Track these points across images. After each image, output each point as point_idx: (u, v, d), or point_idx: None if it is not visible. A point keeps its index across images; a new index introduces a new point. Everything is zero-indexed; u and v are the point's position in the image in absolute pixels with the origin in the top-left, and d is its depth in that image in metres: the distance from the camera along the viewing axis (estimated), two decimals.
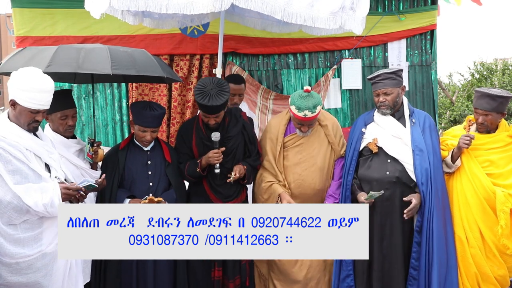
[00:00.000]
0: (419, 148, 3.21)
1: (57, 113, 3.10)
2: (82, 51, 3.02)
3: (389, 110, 3.30)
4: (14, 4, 4.46)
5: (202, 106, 3.17)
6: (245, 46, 4.74)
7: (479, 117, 3.26)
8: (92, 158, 3.20)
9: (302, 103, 3.24)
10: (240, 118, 3.46)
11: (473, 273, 3.23)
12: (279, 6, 2.96)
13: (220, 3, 2.84)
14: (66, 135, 3.16)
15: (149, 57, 3.30)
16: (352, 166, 3.37)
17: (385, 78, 3.28)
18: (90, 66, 2.96)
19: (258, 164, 3.49)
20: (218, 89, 3.15)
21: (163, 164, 3.32)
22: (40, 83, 2.56)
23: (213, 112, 3.18)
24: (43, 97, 2.57)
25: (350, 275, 3.34)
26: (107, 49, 3.08)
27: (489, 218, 3.17)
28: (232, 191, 3.40)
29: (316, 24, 3.06)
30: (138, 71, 3.09)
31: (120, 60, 3.05)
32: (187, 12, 2.88)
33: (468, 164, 3.25)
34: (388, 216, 3.23)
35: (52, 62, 2.90)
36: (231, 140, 3.36)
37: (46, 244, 2.57)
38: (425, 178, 3.17)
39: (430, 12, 4.91)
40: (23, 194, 2.45)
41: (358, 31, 3.27)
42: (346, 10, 3.11)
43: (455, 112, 12.62)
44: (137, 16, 4.02)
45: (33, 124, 2.62)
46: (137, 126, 3.22)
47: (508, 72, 14.31)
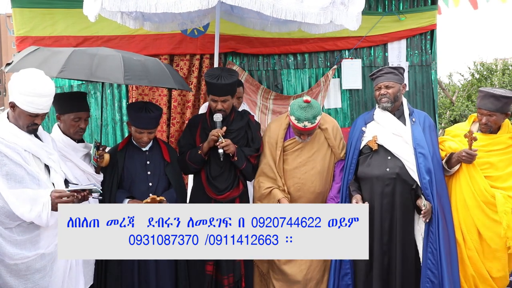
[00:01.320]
0: (421, 146, 3.22)
1: (70, 114, 3.09)
2: (96, 57, 3.00)
3: (390, 103, 3.29)
4: (14, 4, 4.46)
5: (212, 86, 3.27)
6: (245, 46, 4.74)
7: (482, 118, 3.25)
8: (97, 162, 3.18)
9: (302, 114, 3.23)
10: (246, 117, 3.53)
11: (470, 275, 3.23)
12: (268, 2, 2.94)
13: (207, 1, 2.85)
14: (76, 137, 3.15)
15: (162, 68, 3.29)
16: (352, 165, 3.38)
17: (387, 73, 3.32)
18: (103, 75, 2.96)
19: (253, 154, 3.46)
20: (227, 73, 3.36)
21: (162, 164, 3.32)
22: (40, 87, 2.53)
23: (221, 93, 3.28)
24: (42, 102, 2.55)
25: (348, 273, 3.35)
26: (121, 57, 3.05)
27: (488, 220, 3.16)
28: (228, 183, 3.41)
29: (307, 20, 3.04)
30: (151, 82, 3.10)
31: (134, 69, 3.04)
32: (175, 11, 2.90)
33: (467, 167, 3.23)
34: (388, 212, 3.24)
35: (65, 68, 2.88)
36: (232, 133, 3.39)
37: (44, 247, 2.56)
38: (429, 178, 3.17)
39: (430, 12, 4.92)
40: (14, 202, 2.43)
41: (352, 27, 3.24)
42: (336, 5, 3.10)
43: (455, 112, 12.63)
44: (137, 20, 4.03)
45: (32, 126, 2.61)
46: (133, 127, 3.22)
47: (508, 72, 14.30)
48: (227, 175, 3.41)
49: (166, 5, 2.90)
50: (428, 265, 3.18)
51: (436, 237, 3.15)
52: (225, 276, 3.37)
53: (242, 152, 3.39)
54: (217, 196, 3.38)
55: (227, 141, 3.29)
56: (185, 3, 2.87)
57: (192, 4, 2.86)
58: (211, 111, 3.46)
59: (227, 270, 3.37)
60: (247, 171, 3.45)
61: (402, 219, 3.22)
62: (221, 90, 3.28)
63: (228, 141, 3.29)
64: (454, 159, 3.24)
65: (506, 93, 3.19)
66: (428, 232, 3.19)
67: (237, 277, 3.41)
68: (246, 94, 4.69)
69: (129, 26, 4.04)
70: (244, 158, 3.40)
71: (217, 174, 3.40)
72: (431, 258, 3.17)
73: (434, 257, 3.16)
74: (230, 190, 3.42)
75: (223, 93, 3.30)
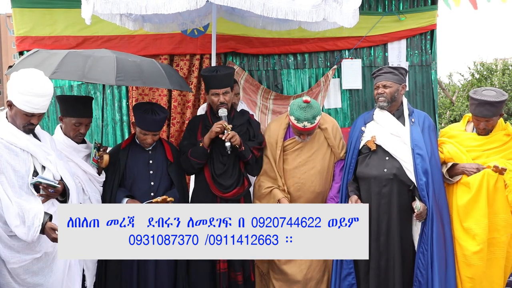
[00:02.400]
0: (419, 146, 3.21)
1: (72, 118, 3.10)
2: (90, 59, 3.02)
3: (386, 103, 3.29)
4: (14, 4, 4.46)
5: (210, 78, 3.30)
6: (245, 46, 4.74)
7: (480, 123, 3.24)
8: (97, 163, 3.17)
9: (301, 114, 3.24)
10: (246, 115, 3.55)
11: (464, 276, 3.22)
12: (258, 2, 2.93)
13: (195, 1, 2.84)
14: (75, 140, 3.16)
15: (157, 68, 3.27)
16: (352, 165, 3.39)
17: (387, 72, 3.31)
18: (95, 76, 2.97)
19: (256, 146, 3.45)
20: (222, 67, 3.45)
21: (165, 164, 3.32)
22: (37, 87, 2.53)
23: (221, 84, 3.30)
24: (39, 101, 2.54)
25: (352, 273, 3.35)
26: (115, 58, 3.06)
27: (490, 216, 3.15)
28: (233, 180, 3.40)
29: (299, 18, 3.03)
30: (144, 82, 3.09)
31: (127, 70, 3.04)
32: (164, 12, 2.91)
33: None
34: (385, 213, 3.24)
35: (58, 69, 2.90)
36: (235, 129, 3.38)
37: (43, 250, 2.56)
38: (425, 180, 3.17)
39: (430, 12, 4.91)
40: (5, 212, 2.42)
41: (348, 24, 3.23)
42: (329, 2, 3.09)
43: (455, 112, 12.64)
44: (137, 21, 4.04)
45: (28, 126, 2.60)
46: (138, 128, 3.22)
47: (508, 72, 14.31)
48: (231, 172, 3.41)
49: (156, 6, 2.91)
50: (417, 264, 3.21)
51: (428, 238, 3.16)
52: (238, 273, 3.39)
53: (246, 144, 3.40)
54: (224, 194, 3.37)
55: (233, 132, 3.28)
56: (174, 4, 2.88)
57: (181, 4, 2.87)
58: (211, 110, 3.46)
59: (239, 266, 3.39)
60: (252, 163, 3.45)
61: (400, 219, 3.22)
62: (220, 81, 3.31)
63: (233, 132, 3.28)
64: (458, 171, 3.23)
65: (499, 97, 3.17)
66: (421, 233, 3.20)
67: (247, 274, 3.43)
68: (246, 94, 4.69)
69: (129, 28, 4.04)
70: (249, 149, 3.40)
71: (221, 171, 3.39)
72: (421, 258, 3.19)
73: (425, 257, 3.18)
74: (237, 188, 3.41)
75: (223, 85, 3.32)
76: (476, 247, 3.12)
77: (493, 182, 3.10)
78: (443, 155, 3.33)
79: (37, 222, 2.45)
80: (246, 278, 3.43)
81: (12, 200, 2.44)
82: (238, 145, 3.30)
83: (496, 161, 3.16)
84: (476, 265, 3.14)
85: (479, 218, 3.11)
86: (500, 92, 3.23)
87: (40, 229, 2.45)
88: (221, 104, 3.34)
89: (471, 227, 3.13)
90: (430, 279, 3.17)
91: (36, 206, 2.49)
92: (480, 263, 3.14)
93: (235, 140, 3.27)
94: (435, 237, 3.16)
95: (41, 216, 2.47)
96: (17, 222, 2.42)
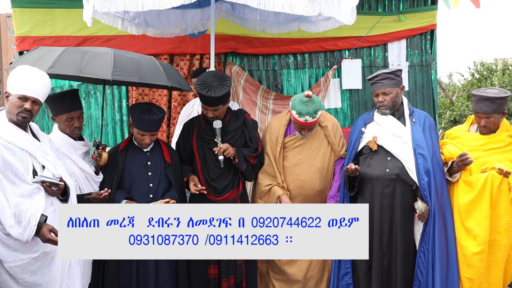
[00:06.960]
0: (420, 146, 3.21)
1: (62, 115, 3.10)
2: (87, 54, 3.01)
3: (388, 110, 3.31)
4: (14, 4, 4.47)
5: (202, 97, 3.22)
6: (245, 46, 4.74)
7: (481, 121, 3.24)
8: (96, 161, 3.17)
9: (303, 108, 3.24)
10: (241, 117, 3.48)
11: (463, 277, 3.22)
12: None
13: None
14: (73, 136, 3.15)
15: (155, 65, 3.26)
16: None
17: (383, 78, 3.29)
18: (91, 70, 2.96)
19: (252, 154, 3.42)
20: (219, 82, 3.24)
21: (163, 165, 3.31)
22: (33, 72, 2.57)
23: (212, 103, 3.22)
24: (33, 84, 2.55)
25: (349, 273, 3.35)
26: (112, 54, 3.05)
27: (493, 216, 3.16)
28: (227, 183, 3.38)
29: (295, 11, 3.01)
30: (141, 78, 3.07)
31: (124, 66, 3.03)
32: (159, 8, 2.92)
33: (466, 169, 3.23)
34: (388, 213, 3.24)
35: (55, 64, 2.90)
36: (229, 134, 3.38)
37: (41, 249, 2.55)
38: (427, 180, 3.17)
39: (430, 12, 4.92)
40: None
41: (347, 21, 3.22)
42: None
43: (455, 112, 12.62)
44: (140, 26, 4.05)
45: (22, 113, 2.56)
46: (136, 129, 3.21)
47: (508, 72, 14.30)
48: (226, 175, 3.39)
49: (152, 3, 2.93)
50: (418, 263, 3.21)
51: (430, 238, 3.17)
52: (224, 279, 3.35)
53: (241, 153, 3.37)
54: (216, 197, 3.36)
55: (225, 145, 3.26)
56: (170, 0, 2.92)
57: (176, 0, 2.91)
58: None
59: (228, 272, 3.35)
60: (247, 172, 3.43)
61: (402, 219, 3.22)
62: (211, 101, 3.22)
63: (226, 145, 3.26)
64: (455, 167, 3.23)
65: (499, 93, 3.18)
66: (423, 232, 3.21)
67: (238, 280, 3.40)
68: (246, 94, 4.69)
69: (132, 32, 4.06)
70: (243, 160, 3.37)
71: (216, 175, 3.38)
72: (422, 257, 3.20)
73: (425, 256, 3.18)
74: (230, 191, 3.39)
75: (214, 104, 3.23)
76: (476, 247, 3.12)
77: (497, 184, 3.09)
78: (444, 156, 3.33)
79: (33, 222, 2.44)
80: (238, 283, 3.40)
81: (8, 199, 2.43)
82: (232, 157, 3.29)
83: (499, 162, 3.16)
84: (476, 266, 3.14)
85: (481, 219, 3.11)
86: (502, 90, 3.24)
87: (35, 228, 2.45)
88: (211, 118, 3.30)
89: (472, 227, 3.13)
90: (431, 278, 3.17)
91: (34, 206, 2.48)
92: (480, 264, 3.13)
93: (228, 153, 3.27)
94: (437, 236, 3.16)
95: (38, 215, 2.46)
96: (12, 222, 2.41)
